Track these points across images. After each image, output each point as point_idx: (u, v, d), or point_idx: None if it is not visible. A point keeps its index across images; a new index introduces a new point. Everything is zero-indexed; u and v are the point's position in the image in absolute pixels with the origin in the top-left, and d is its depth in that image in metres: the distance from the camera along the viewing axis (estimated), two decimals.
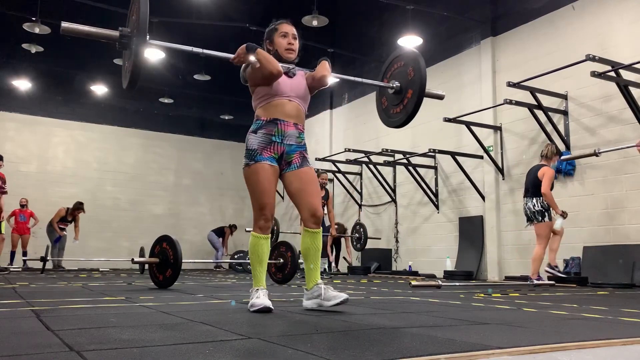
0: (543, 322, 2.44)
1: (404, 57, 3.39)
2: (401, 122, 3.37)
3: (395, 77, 3.39)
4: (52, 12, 10.04)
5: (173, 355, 1.53)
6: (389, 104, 3.47)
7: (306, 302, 2.88)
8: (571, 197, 7.49)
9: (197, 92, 14.37)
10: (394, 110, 3.41)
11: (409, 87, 3.26)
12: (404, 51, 3.50)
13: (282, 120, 2.87)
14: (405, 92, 3.28)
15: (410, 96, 3.23)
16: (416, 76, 3.21)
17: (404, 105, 3.30)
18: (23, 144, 13.37)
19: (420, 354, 1.55)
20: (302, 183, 2.89)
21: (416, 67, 3.23)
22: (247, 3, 11.19)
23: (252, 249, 2.89)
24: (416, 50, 3.42)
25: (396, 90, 3.34)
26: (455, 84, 9.62)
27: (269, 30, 3.08)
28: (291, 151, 2.90)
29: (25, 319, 2.42)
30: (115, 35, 2.70)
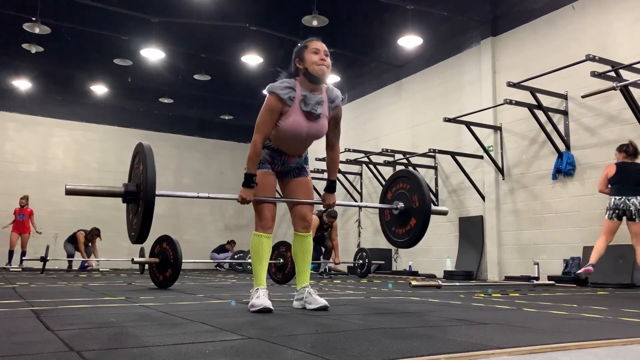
0: (543, 322, 2.44)
1: (410, 181, 3.33)
2: (404, 245, 3.36)
3: (400, 198, 3.37)
4: (52, 12, 10.03)
5: (173, 355, 1.53)
6: (392, 221, 3.44)
7: (295, 303, 2.98)
8: (571, 197, 7.49)
9: (197, 92, 14.36)
10: (398, 230, 3.39)
11: (413, 216, 3.26)
12: (410, 174, 3.39)
13: (288, 153, 2.95)
14: (409, 219, 3.29)
15: (414, 225, 3.25)
16: (420, 208, 3.22)
17: (407, 231, 3.31)
18: (23, 144, 13.37)
19: (420, 354, 1.55)
20: (296, 189, 3.01)
21: (421, 198, 3.22)
22: (247, 3, 11.18)
23: (253, 248, 2.92)
24: (420, 175, 3.37)
25: (400, 211, 3.34)
26: (455, 84, 9.62)
27: (299, 48, 2.83)
28: (290, 169, 3.03)
29: (25, 319, 2.42)
30: (120, 191, 2.71)
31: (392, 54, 11.08)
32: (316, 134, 2.85)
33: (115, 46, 11.56)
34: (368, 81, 11.98)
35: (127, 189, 2.68)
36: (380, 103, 11.52)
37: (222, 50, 12.01)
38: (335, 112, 2.90)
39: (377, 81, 11.67)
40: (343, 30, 12.30)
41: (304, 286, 2.93)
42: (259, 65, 11.61)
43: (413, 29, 9.46)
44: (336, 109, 2.89)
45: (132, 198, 2.70)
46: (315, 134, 2.85)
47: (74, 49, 11.86)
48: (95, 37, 11.13)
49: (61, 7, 10.18)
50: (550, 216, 7.76)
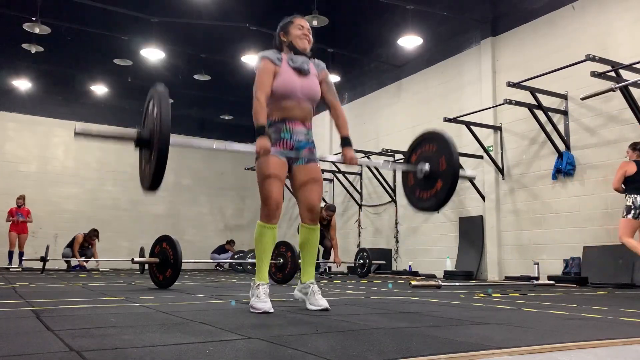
0: (543, 322, 2.44)
1: (438, 142, 3.18)
2: (430, 209, 3.25)
3: (426, 159, 3.20)
4: (52, 12, 10.03)
5: (173, 355, 1.53)
6: (416, 185, 3.28)
7: (296, 292, 2.99)
8: (571, 197, 7.49)
9: (197, 92, 14.36)
10: (422, 194, 3.24)
11: (440, 178, 3.10)
12: (439, 135, 3.23)
13: (290, 119, 2.92)
14: (434, 182, 3.13)
15: (440, 188, 3.09)
16: (448, 170, 3.06)
17: (432, 194, 3.15)
18: (23, 144, 13.37)
19: (420, 354, 1.55)
20: (306, 178, 2.94)
21: (449, 159, 3.06)
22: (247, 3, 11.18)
23: (256, 239, 2.89)
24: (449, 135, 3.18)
25: (425, 175, 3.17)
26: (455, 84, 9.62)
27: (284, 23, 3.09)
28: (301, 147, 2.93)
29: (25, 319, 2.42)
30: (133, 136, 2.61)
31: (392, 54, 11.08)
32: (309, 90, 2.95)
33: (115, 46, 11.56)
34: (368, 81, 11.98)
35: (141, 134, 2.57)
36: (380, 103, 11.51)
37: (222, 50, 12.01)
38: (322, 74, 3.06)
39: (377, 81, 11.67)
40: (343, 30, 12.30)
41: (311, 282, 2.91)
42: None
43: (413, 29, 9.46)
44: (322, 71, 3.08)
45: (145, 144, 2.58)
46: (309, 90, 2.95)
47: (74, 49, 11.86)
48: (95, 37, 11.13)
49: (61, 7, 10.18)
50: (550, 216, 7.76)
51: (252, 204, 15.62)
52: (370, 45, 11.78)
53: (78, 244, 11.03)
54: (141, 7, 10.00)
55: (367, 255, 8.96)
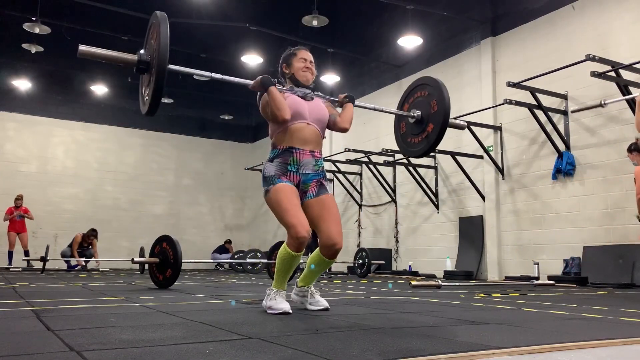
0: (543, 322, 2.44)
1: (429, 87, 3.26)
2: (420, 153, 3.25)
3: (417, 106, 3.27)
4: (52, 12, 10.04)
5: (173, 355, 1.53)
6: (408, 131, 3.34)
7: (293, 295, 2.98)
8: (571, 197, 7.49)
9: (197, 92, 14.37)
10: (414, 139, 3.28)
11: (431, 121, 3.15)
12: (429, 80, 3.33)
13: (298, 148, 2.75)
14: (426, 125, 3.18)
15: (431, 130, 3.13)
16: (439, 111, 3.11)
17: (424, 137, 3.19)
18: (23, 144, 13.38)
19: (420, 354, 1.55)
20: (321, 209, 2.75)
21: (440, 101, 3.12)
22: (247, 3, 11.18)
23: (281, 259, 2.70)
24: (441, 80, 3.24)
25: (417, 120, 3.24)
26: (455, 84, 9.61)
27: (286, 54, 2.99)
28: (307, 180, 2.77)
29: (25, 319, 2.42)
30: (133, 60, 2.64)
31: (392, 54, 11.08)
32: (317, 111, 2.84)
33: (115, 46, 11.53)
34: (368, 81, 11.98)
35: (141, 57, 2.63)
36: (380, 103, 11.47)
37: (222, 50, 12.01)
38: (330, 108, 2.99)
39: (377, 81, 11.66)
40: (343, 30, 12.31)
41: (307, 286, 2.91)
42: (259, 65, 11.61)
43: (413, 29, 9.46)
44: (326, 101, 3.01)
45: (144, 68, 2.65)
46: (317, 112, 2.84)
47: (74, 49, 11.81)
48: (95, 37, 11.13)
49: (61, 7, 10.18)
50: (550, 216, 7.76)
51: (252, 204, 15.63)
52: (370, 45, 11.78)
53: (77, 244, 11.01)
54: (141, 7, 10.00)
55: (366, 255, 8.96)
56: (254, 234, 15.54)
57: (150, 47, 2.66)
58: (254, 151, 15.65)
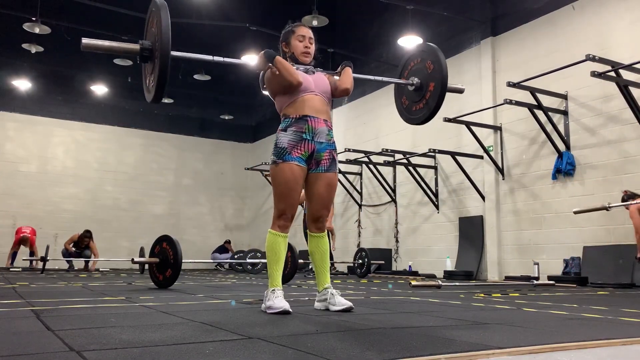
0: (543, 322, 2.44)
1: (421, 53, 3.29)
2: (425, 117, 3.22)
3: (414, 74, 3.28)
4: (52, 12, 10.04)
5: (173, 355, 1.53)
6: (410, 102, 3.34)
7: (316, 304, 2.88)
8: (571, 197, 7.49)
9: (197, 92, 14.37)
10: (416, 107, 3.27)
11: (430, 81, 3.15)
12: (420, 47, 3.41)
13: (312, 116, 2.79)
14: (426, 87, 3.18)
15: (433, 89, 3.13)
16: (436, 68, 3.13)
17: (427, 100, 3.19)
18: (23, 144, 13.38)
19: (420, 354, 1.55)
20: (320, 188, 2.84)
21: (435, 60, 3.15)
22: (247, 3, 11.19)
23: (269, 247, 2.79)
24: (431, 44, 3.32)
25: (416, 87, 3.24)
26: (455, 83, 9.60)
27: (286, 32, 2.98)
28: (322, 149, 2.82)
29: (25, 319, 2.42)
30: (136, 48, 2.61)
31: (392, 54, 11.08)
32: (322, 84, 2.90)
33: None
34: (368, 81, 11.97)
35: (143, 45, 2.60)
36: (380, 103, 11.51)
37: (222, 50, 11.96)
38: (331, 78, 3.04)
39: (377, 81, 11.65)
40: (343, 30, 12.32)
41: (325, 287, 2.83)
42: None
43: (413, 29, 9.47)
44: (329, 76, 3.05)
45: (147, 55, 2.61)
46: (321, 85, 2.89)
47: (74, 49, 11.81)
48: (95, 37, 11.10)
49: (61, 7, 10.19)
50: (550, 216, 7.77)
51: (252, 204, 15.62)
52: (370, 45, 11.78)
53: (71, 240, 10.99)
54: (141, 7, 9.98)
55: (365, 254, 8.96)
56: (254, 234, 15.53)
57: (151, 35, 2.63)
58: (254, 151, 15.64)
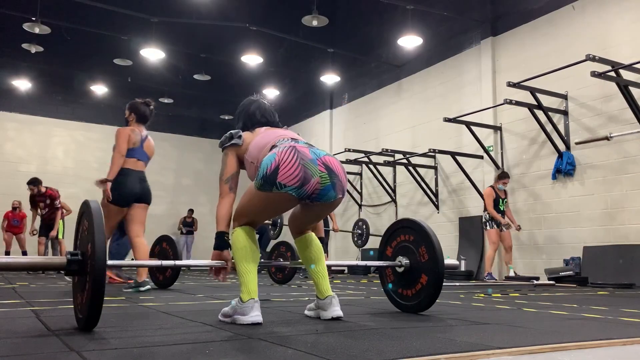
0: (543, 322, 2.44)
1: (413, 231, 2.86)
2: (414, 310, 2.79)
3: (403, 252, 2.87)
4: (52, 12, 10.04)
5: (173, 355, 1.53)
6: (397, 281, 2.92)
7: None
8: (571, 197, 7.49)
9: (197, 92, 14.37)
10: (404, 291, 2.87)
11: (423, 272, 2.74)
12: (412, 223, 2.91)
13: None
14: (417, 276, 2.77)
15: (426, 283, 2.72)
16: (432, 261, 2.70)
17: (417, 290, 2.78)
18: (23, 144, 13.37)
19: (420, 354, 1.55)
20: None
21: (431, 249, 2.71)
22: (247, 3, 11.18)
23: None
24: (426, 224, 2.87)
25: (405, 269, 2.83)
26: (455, 84, 9.62)
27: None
28: None
29: (25, 319, 2.42)
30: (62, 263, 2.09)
31: (392, 54, 11.08)
32: None
33: (115, 46, 11.57)
34: (368, 81, 11.98)
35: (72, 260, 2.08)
36: (380, 103, 11.51)
37: (222, 50, 12.01)
38: None
39: (377, 81, 11.66)
40: (343, 30, 12.31)
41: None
42: (259, 65, 11.61)
43: (413, 29, 9.46)
44: None
45: (78, 271, 2.11)
46: None
47: (74, 49, 11.87)
48: (95, 37, 11.14)
49: (61, 7, 10.19)
50: (550, 216, 7.76)
51: None
52: (370, 45, 11.78)
53: None
54: (141, 7, 10.01)
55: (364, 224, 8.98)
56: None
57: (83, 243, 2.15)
58: None
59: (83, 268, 2.07)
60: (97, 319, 2.01)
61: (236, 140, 2.52)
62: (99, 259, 1.93)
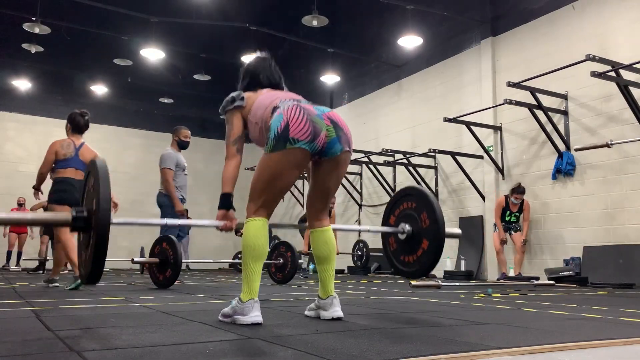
0: (543, 322, 2.44)
1: (415, 198, 2.89)
2: (416, 275, 2.91)
3: (406, 219, 2.89)
4: (52, 12, 10.04)
5: (173, 355, 1.53)
6: (399, 248, 2.95)
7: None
8: (571, 197, 7.49)
9: (197, 92, 14.37)
10: (405, 258, 2.89)
11: (424, 237, 2.78)
12: (418, 192, 2.94)
13: None
14: (418, 242, 2.80)
15: (427, 248, 2.76)
16: (433, 226, 2.74)
17: (418, 256, 2.81)
18: (23, 144, 13.37)
19: (420, 354, 1.55)
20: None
21: (432, 215, 2.75)
22: (247, 3, 11.18)
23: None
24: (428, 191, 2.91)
25: (407, 236, 2.86)
26: (455, 84, 9.62)
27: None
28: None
29: (25, 319, 2.42)
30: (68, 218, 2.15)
31: (392, 54, 11.08)
32: None
33: (115, 46, 11.57)
34: (368, 81, 11.98)
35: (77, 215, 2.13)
36: (380, 103, 11.51)
37: (222, 50, 12.01)
38: None
39: (377, 81, 11.67)
40: (343, 30, 12.30)
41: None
42: None
43: (413, 29, 9.46)
44: None
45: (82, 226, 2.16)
46: None
47: (74, 49, 11.87)
48: (95, 37, 11.14)
49: (61, 7, 10.18)
50: (550, 216, 7.76)
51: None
52: (370, 45, 11.78)
53: None
54: (141, 7, 10.00)
55: (364, 246, 8.97)
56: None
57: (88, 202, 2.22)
58: (253, 151, 15.60)
59: (88, 224, 2.13)
60: (99, 275, 2.09)
61: (239, 102, 2.50)
62: (103, 215, 1.98)
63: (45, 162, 5.08)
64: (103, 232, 1.99)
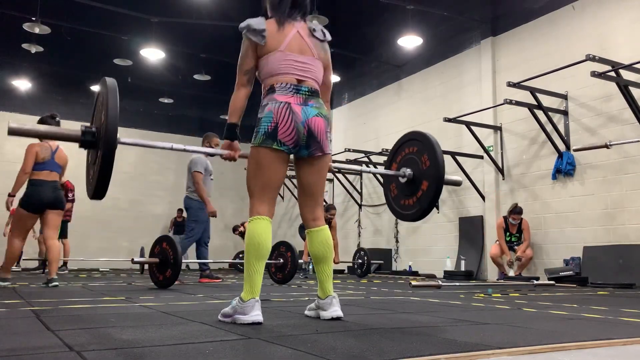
0: (543, 322, 2.44)
1: (418, 142, 2.96)
2: (415, 217, 2.92)
3: (407, 164, 2.95)
4: (52, 12, 10.03)
5: (173, 355, 1.53)
6: (400, 193, 3.00)
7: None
8: (571, 197, 7.49)
9: (197, 92, 14.36)
10: (406, 201, 2.94)
11: (424, 179, 2.83)
12: (418, 136, 3.01)
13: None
14: (419, 184, 2.86)
15: (426, 189, 2.81)
16: (432, 166, 2.81)
17: (418, 198, 2.86)
18: (23, 144, 13.32)
19: (420, 354, 1.55)
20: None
21: (432, 157, 2.82)
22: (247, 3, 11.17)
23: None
24: (431, 134, 2.97)
25: (408, 179, 2.91)
26: (455, 84, 9.62)
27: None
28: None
29: (25, 319, 2.42)
30: (77, 134, 2.24)
31: (392, 54, 11.08)
32: None
33: (115, 46, 11.56)
34: (368, 81, 11.98)
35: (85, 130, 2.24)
36: (380, 103, 11.52)
37: (222, 50, 12.00)
38: None
39: (377, 81, 11.67)
40: (343, 30, 12.29)
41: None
42: None
43: (413, 29, 9.46)
44: None
45: (90, 142, 2.25)
46: None
47: (74, 49, 11.85)
48: (95, 37, 11.12)
49: (61, 7, 10.17)
50: (550, 216, 7.76)
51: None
52: (370, 45, 11.78)
53: None
54: (141, 7, 10.00)
55: (365, 254, 8.96)
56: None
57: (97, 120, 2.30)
58: None
59: (96, 140, 2.23)
60: (105, 190, 2.23)
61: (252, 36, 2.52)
62: (110, 131, 2.07)
63: (27, 165, 5.31)
64: (109, 148, 2.07)
